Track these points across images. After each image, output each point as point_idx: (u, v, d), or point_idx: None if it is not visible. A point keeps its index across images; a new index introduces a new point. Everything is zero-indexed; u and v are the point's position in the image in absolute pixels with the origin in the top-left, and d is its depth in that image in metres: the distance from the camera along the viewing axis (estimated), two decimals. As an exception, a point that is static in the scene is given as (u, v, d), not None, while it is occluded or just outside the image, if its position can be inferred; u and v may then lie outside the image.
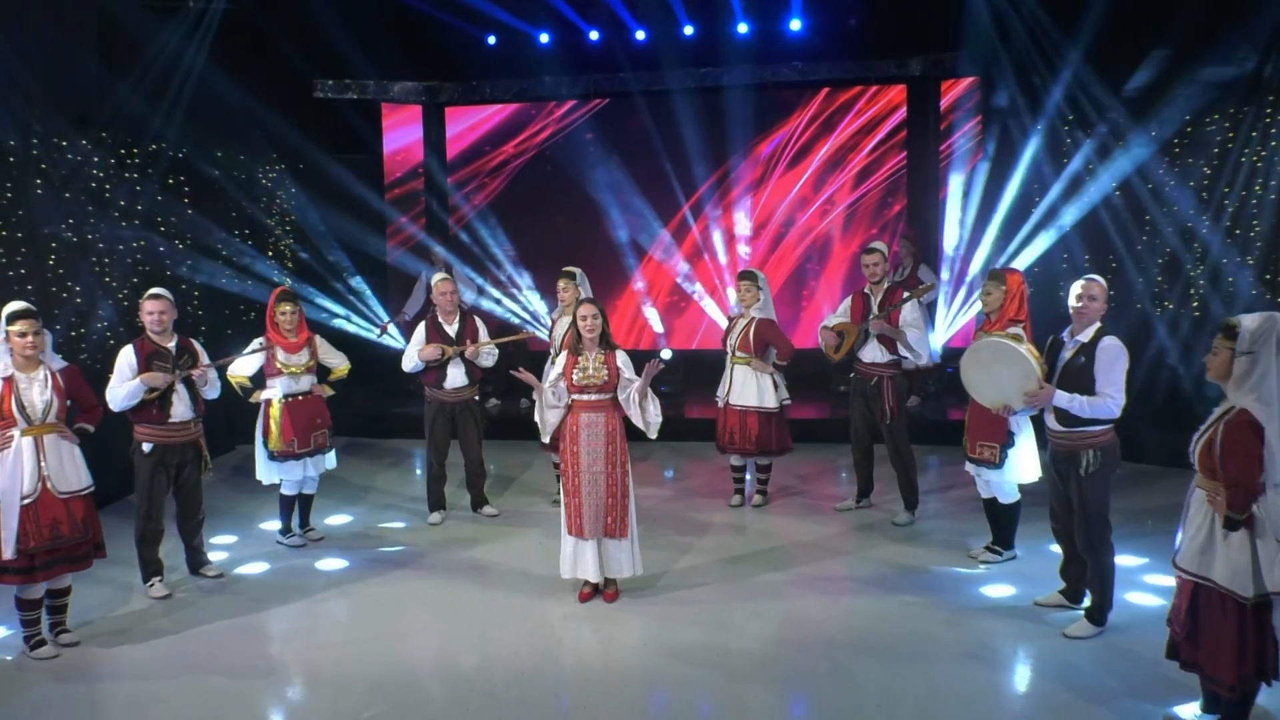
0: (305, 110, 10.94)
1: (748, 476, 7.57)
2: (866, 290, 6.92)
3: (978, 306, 10.47)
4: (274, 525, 6.92)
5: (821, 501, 7.58)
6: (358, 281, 11.17)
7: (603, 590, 5.66)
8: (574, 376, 5.47)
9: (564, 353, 5.62)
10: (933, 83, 10.97)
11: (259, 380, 6.59)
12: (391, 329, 10.10)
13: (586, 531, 5.49)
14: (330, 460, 6.79)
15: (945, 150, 11.11)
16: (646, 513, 7.01)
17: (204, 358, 5.94)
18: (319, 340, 6.76)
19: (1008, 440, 5.74)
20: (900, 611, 5.45)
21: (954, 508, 7.31)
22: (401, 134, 12.05)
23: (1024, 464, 5.79)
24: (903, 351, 6.73)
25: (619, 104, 11.56)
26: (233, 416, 6.63)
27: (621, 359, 5.52)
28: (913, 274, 9.86)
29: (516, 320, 11.60)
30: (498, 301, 11.78)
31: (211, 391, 6.01)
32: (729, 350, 7.23)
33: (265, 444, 6.52)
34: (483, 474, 7.41)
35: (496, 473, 8.53)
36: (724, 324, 11.51)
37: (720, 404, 7.26)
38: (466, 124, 12.14)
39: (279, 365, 6.52)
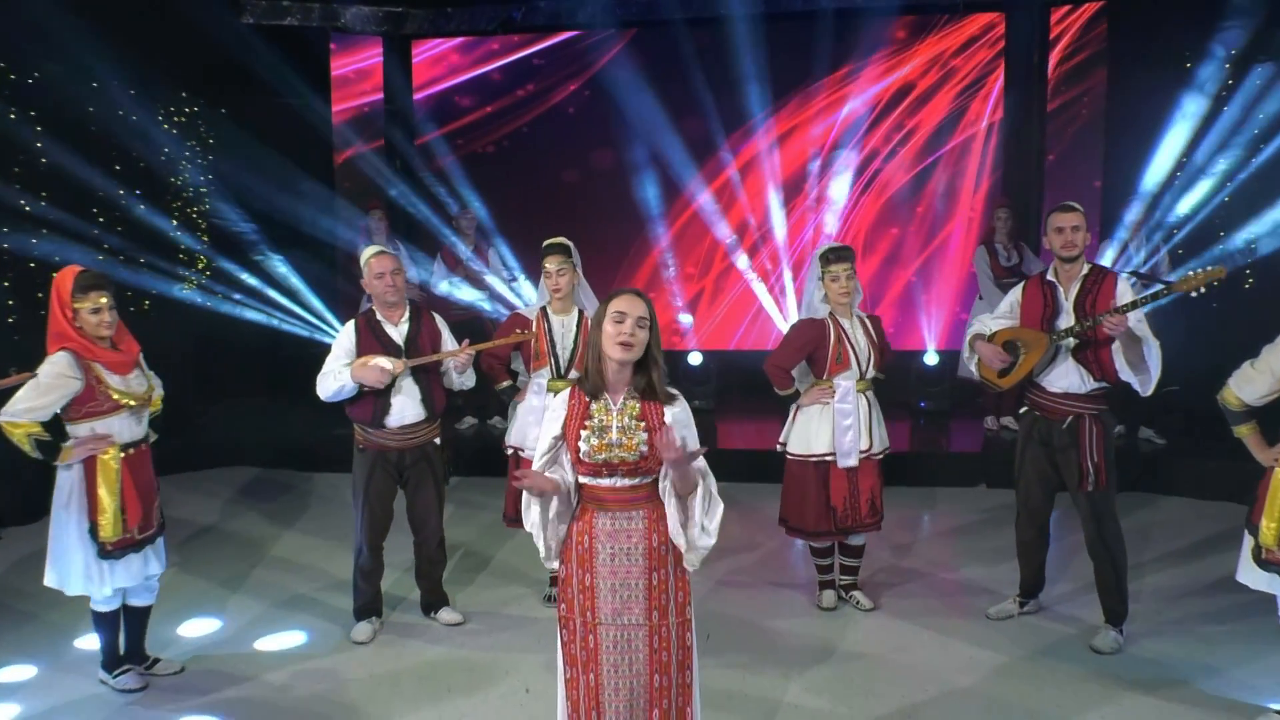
0: (229, 38, 8.52)
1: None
2: (1050, 276, 4.37)
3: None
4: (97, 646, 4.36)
5: (948, 595, 5.04)
6: (287, 259, 8.58)
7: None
8: (581, 445, 2.85)
9: (563, 393, 3.01)
10: (1038, 10, 8.90)
11: (57, 430, 3.95)
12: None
13: (612, 732, 2.91)
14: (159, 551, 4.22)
15: (1052, 93, 8.93)
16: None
17: None
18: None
19: None
20: None
21: (1189, 618, 4.67)
22: (354, 73, 9.61)
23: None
24: (1124, 376, 4.16)
25: (640, 37, 9.09)
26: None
27: (679, 417, 2.86)
28: (1022, 262, 7.63)
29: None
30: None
31: None
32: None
33: (92, 534, 3.92)
34: (442, 559, 4.84)
35: (463, 538, 5.96)
36: (778, 317, 9.15)
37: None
38: (436, 59, 9.72)
39: (113, 394, 3.93)
